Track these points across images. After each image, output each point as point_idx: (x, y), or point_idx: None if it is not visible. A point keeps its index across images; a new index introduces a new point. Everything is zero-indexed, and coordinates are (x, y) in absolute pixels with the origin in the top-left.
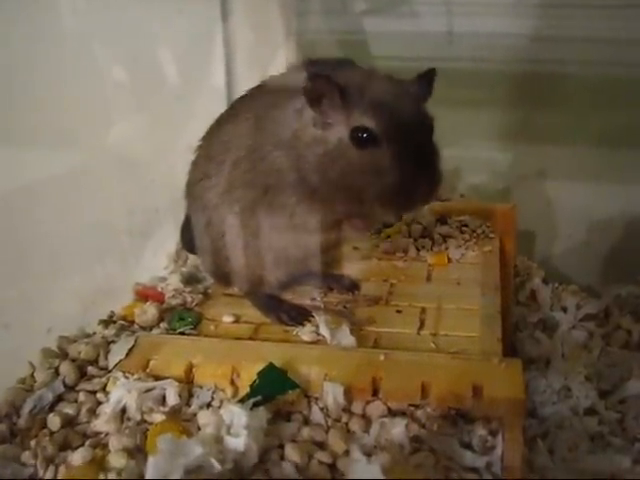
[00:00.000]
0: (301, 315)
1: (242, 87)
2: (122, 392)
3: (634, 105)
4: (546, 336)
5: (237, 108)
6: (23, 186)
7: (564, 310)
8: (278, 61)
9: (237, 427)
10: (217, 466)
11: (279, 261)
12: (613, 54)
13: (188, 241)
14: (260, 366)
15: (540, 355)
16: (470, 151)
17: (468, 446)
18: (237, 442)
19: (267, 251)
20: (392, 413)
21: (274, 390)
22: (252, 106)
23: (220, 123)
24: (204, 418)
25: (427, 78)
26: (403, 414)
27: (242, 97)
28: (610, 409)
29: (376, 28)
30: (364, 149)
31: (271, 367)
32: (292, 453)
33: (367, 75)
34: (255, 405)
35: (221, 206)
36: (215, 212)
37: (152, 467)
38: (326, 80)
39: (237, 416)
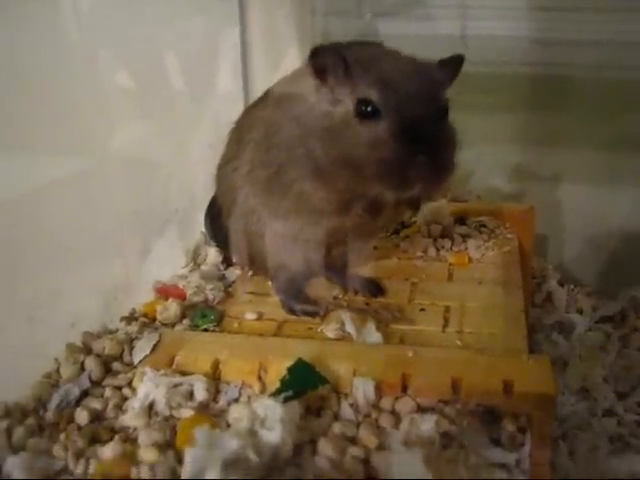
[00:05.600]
0: (314, 311)
1: (259, 88)
2: (150, 387)
3: None
4: (563, 338)
5: (267, 92)
6: (47, 184)
7: (580, 312)
8: (294, 63)
9: (271, 421)
10: (255, 459)
11: (296, 245)
12: (629, 57)
13: (210, 227)
14: (287, 362)
15: (558, 357)
16: (484, 154)
17: (497, 442)
18: (272, 435)
19: (284, 233)
20: (421, 409)
21: (305, 385)
22: (278, 89)
23: (250, 106)
24: (237, 412)
25: (452, 63)
26: (432, 410)
27: (275, 82)
28: (629, 411)
29: (391, 31)
30: (366, 122)
31: (301, 362)
32: (326, 448)
33: (383, 53)
34: (286, 400)
35: (244, 187)
36: (238, 193)
37: (190, 458)
38: (330, 53)
39: (271, 410)
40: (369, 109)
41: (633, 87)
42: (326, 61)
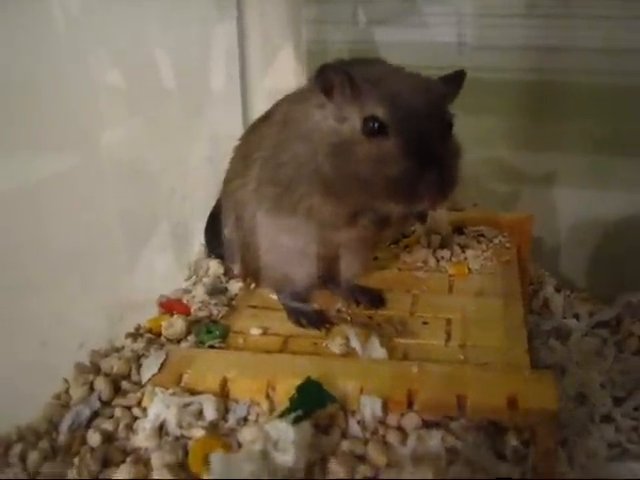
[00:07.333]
0: (320, 321)
1: (255, 97)
2: (161, 407)
3: None
4: (560, 344)
5: (272, 109)
6: (49, 202)
7: (577, 318)
8: (288, 71)
9: (284, 443)
10: None
11: (303, 258)
12: (621, 64)
13: (211, 240)
14: (295, 380)
15: (555, 363)
16: (479, 158)
17: (501, 456)
18: (285, 458)
19: (291, 247)
20: (426, 425)
21: (314, 404)
22: (284, 106)
23: (256, 123)
24: (250, 434)
25: (455, 79)
26: (437, 425)
27: (280, 99)
28: (625, 416)
29: (386, 38)
30: (373, 139)
31: (310, 381)
32: (337, 467)
33: (387, 70)
34: (296, 420)
35: (251, 203)
36: (245, 209)
37: None
38: (336, 71)
39: (284, 432)
40: (376, 126)
41: (625, 92)
42: (333, 79)
